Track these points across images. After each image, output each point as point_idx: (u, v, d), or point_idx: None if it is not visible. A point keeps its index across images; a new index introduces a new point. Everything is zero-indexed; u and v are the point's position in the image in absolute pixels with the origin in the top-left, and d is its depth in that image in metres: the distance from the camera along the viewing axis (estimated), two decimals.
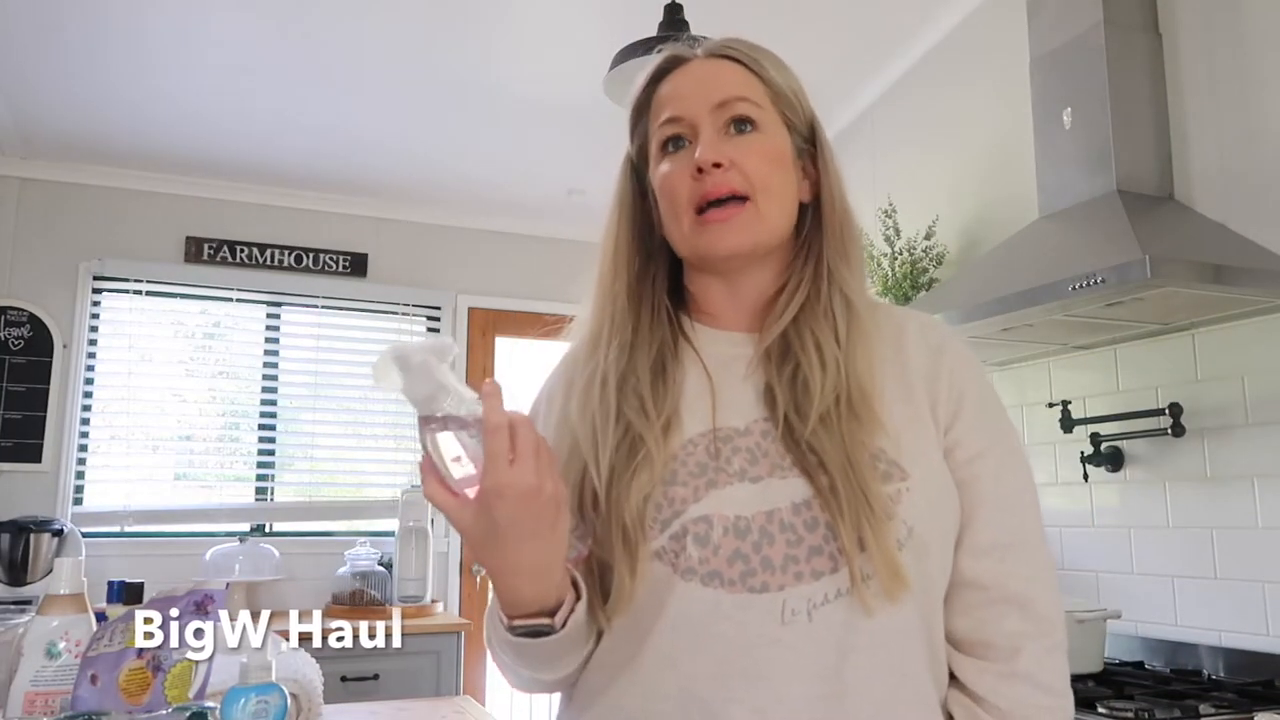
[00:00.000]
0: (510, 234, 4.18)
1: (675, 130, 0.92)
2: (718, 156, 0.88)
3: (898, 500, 0.82)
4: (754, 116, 0.91)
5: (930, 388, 0.89)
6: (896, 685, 0.81)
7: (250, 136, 3.44)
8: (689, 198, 0.90)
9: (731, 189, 0.89)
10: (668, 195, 0.92)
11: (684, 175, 0.90)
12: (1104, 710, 1.81)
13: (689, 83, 0.93)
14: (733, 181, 0.89)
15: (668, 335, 0.94)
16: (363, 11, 2.79)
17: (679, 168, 0.91)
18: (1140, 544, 2.35)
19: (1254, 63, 2.17)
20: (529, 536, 0.75)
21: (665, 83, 0.95)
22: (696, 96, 0.91)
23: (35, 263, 3.52)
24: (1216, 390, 2.19)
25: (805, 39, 2.92)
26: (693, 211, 0.90)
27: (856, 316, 0.91)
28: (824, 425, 0.83)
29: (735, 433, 0.87)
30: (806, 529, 0.81)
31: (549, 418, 0.96)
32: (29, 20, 2.73)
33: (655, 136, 0.94)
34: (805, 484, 0.83)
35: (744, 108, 0.91)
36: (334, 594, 3.51)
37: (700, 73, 0.94)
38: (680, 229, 0.92)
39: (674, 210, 0.91)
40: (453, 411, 0.74)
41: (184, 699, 1.15)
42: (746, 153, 0.90)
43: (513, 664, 0.85)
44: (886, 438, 0.84)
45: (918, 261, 2.89)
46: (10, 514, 3.23)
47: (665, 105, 0.93)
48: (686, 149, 0.91)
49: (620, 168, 1.00)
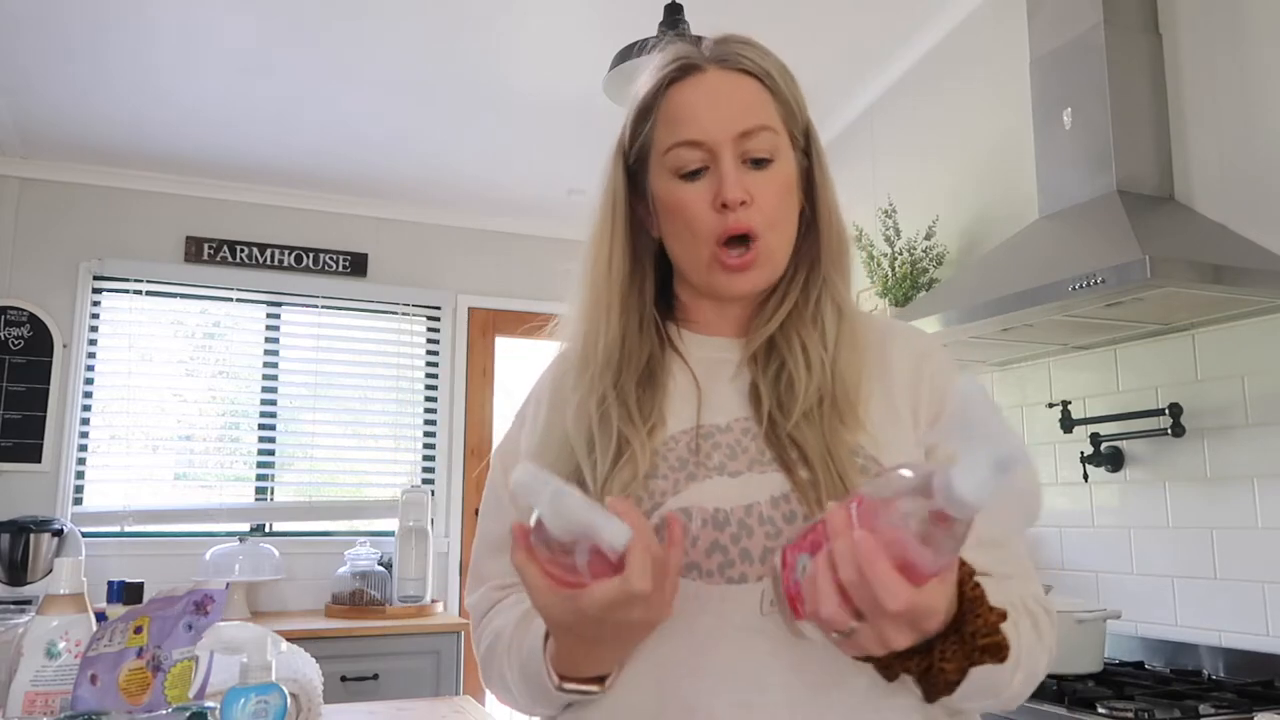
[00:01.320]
0: (510, 234, 4.18)
1: (699, 156, 0.90)
2: (745, 195, 0.88)
3: None
4: (771, 150, 0.91)
5: (912, 391, 0.91)
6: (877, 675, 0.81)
7: (250, 136, 3.44)
8: (712, 231, 0.90)
9: (750, 227, 0.89)
10: (685, 222, 0.91)
11: (704, 205, 0.90)
12: (1104, 710, 1.81)
13: (707, 101, 0.91)
14: (753, 220, 0.89)
15: (655, 343, 0.95)
16: (362, 12, 2.79)
17: (698, 197, 0.90)
18: (1140, 544, 2.35)
19: (1254, 63, 2.17)
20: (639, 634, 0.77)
21: (678, 91, 0.92)
22: (718, 121, 0.89)
23: (35, 263, 3.52)
24: (1216, 390, 2.19)
25: (806, 39, 2.92)
26: (714, 244, 0.90)
27: (846, 322, 0.93)
28: (806, 421, 0.85)
29: (716, 429, 0.89)
30: (785, 521, 0.83)
31: (537, 419, 0.98)
32: (30, 21, 2.74)
33: (669, 154, 0.92)
34: (784, 478, 0.84)
35: (765, 140, 0.90)
36: (334, 594, 3.51)
37: (718, 90, 0.91)
38: (697, 258, 0.92)
39: (693, 238, 0.91)
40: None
41: (184, 699, 1.15)
42: (765, 188, 0.90)
43: (529, 705, 0.87)
44: (866, 435, 0.86)
45: (918, 261, 2.89)
46: (10, 514, 3.23)
47: (682, 122, 0.91)
48: (706, 177, 0.90)
49: (610, 163, 0.98)
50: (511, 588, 0.96)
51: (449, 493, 3.94)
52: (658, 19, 2.39)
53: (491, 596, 0.97)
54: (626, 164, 0.97)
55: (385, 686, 3.16)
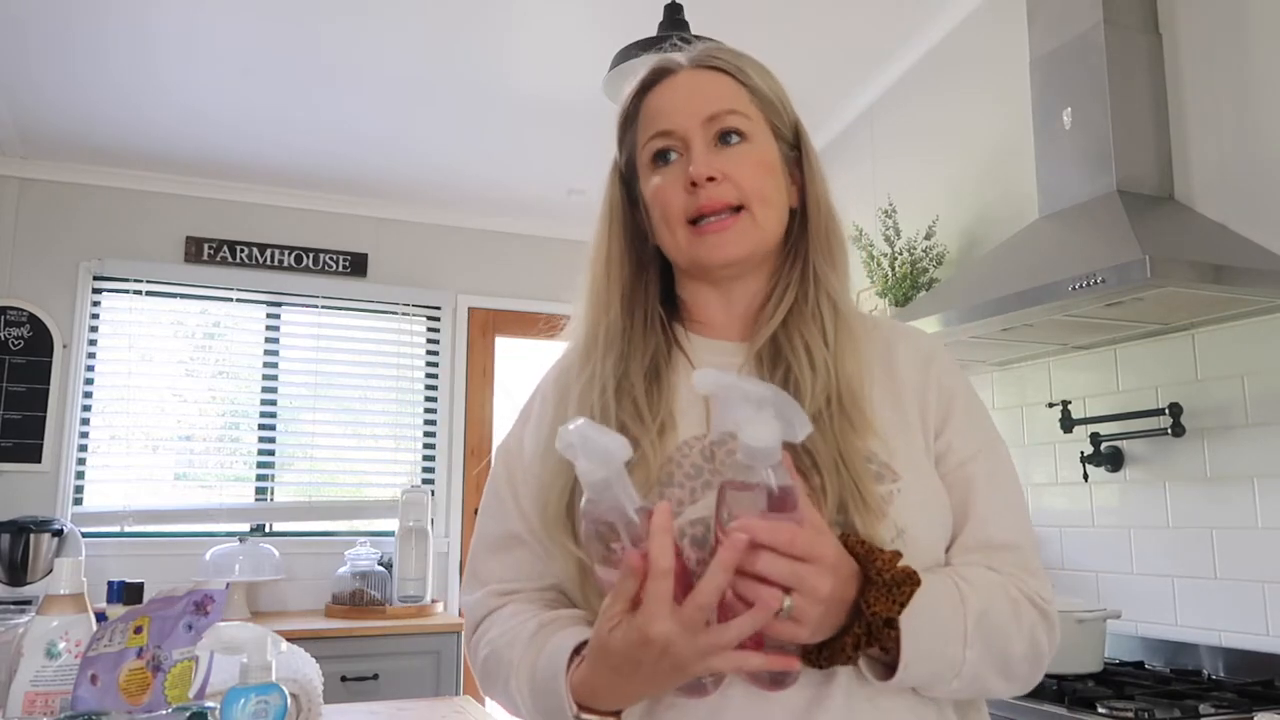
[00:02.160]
0: (510, 234, 4.18)
1: (665, 144, 0.93)
2: (711, 170, 0.90)
3: (889, 501, 0.83)
4: (743, 128, 0.92)
5: (920, 396, 0.92)
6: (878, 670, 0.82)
7: (250, 136, 3.44)
8: (682, 210, 0.91)
9: (725, 202, 0.90)
10: (660, 207, 0.93)
11: (676, 188, 0.92)
12: (1104, 710, 1.81)
13: (677, 95, 0.94)
14: (726, 195, 0.90)
15: (661, 342, 0.95)
16: (363, 12, 2.79)
17: (671, 180, 0.92)
18: (1140, 544, 2.35)
19: (1254, 63, 2.17)
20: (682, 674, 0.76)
21: (653, 94, 0.96)
22: (686, 110, 0.92)
23: (35, 263, 3.52)
24: (1216, 390, 2.19)
25: (806, 39, 2.92)
26: (685, 223, 0.91)
27: (843, 319, 0.93)
28: (816, 426, 0.84)
29: (729, 436, 0.88)
30: None
31: (542, 418, 0.97)
32: (30, 21, 2.74)
33: (645, 149, 0.95)
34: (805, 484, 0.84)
35: (733, 120, 0.92)
36: (334, 594, 3.51)
37: (688, 85, 0.94)
38: (675, 240, 0.93)
39: (667, 222, 0.93)
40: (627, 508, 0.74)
41: (184, 699, 1.15)
42: (739, 164, 0.91)
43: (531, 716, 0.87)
44: (877, 439, 0.86)
45: (918, 261, 2.89)
46: (10, 514, 3.23)
47: (654, 118, 0.94)
48: (678, 162, 0.92)
49: (608, 177, 1.01)
50: (510, 595, 0.95)
51: (449, 493, 3.94)
52: (658, 19, 2.39)
53: (488, 604, 0.96)
54: (621, 176, 1.00)
55: (385, 686, 3.16)
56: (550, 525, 0.89)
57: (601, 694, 0.79)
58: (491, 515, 1.00)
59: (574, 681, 0.80)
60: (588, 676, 0.79)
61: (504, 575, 0.96)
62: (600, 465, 0.72)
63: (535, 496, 0.93)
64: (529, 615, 0.90)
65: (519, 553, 0.96)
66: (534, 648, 0.86)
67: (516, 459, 0.99)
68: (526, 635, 0.88)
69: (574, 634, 0.84)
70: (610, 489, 0.73)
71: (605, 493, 0.73)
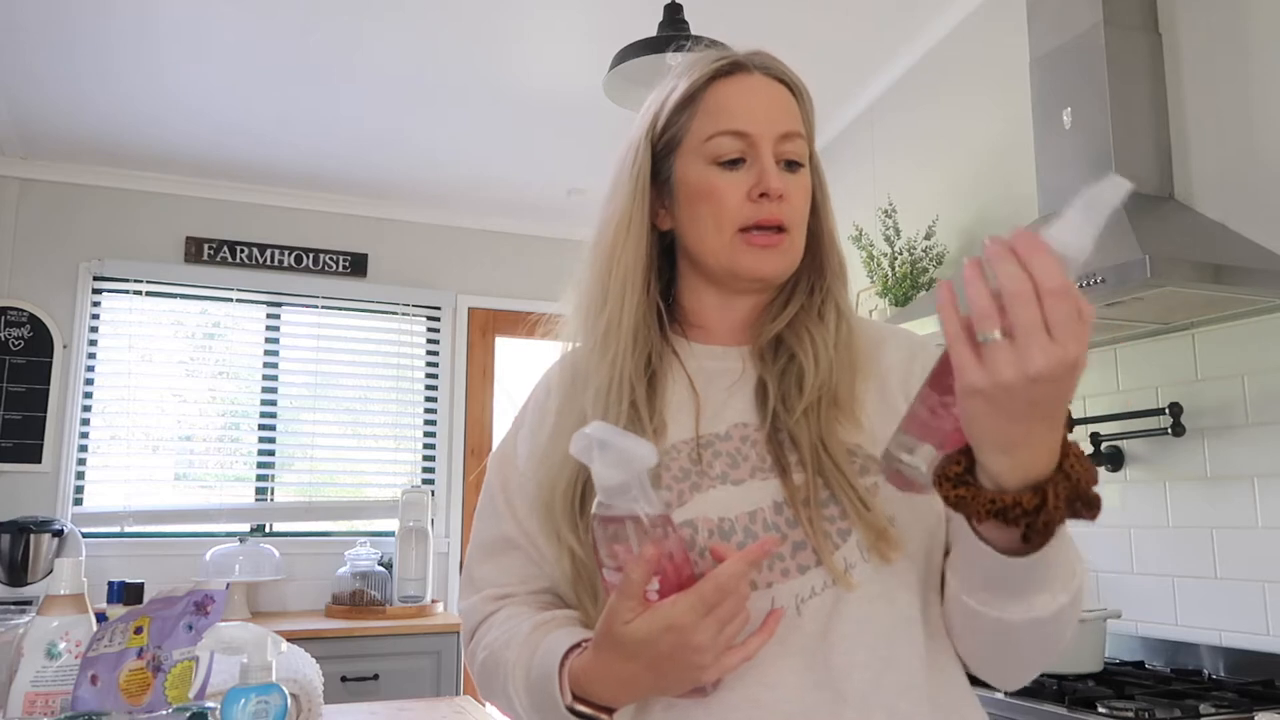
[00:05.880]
0: (510, 234, 4.18)
1: (739, 146, 0.92)
2: (783, 189, 0.91)
3: (874, 493, 0.85)
4: (802, 156, 0.95)
5: (904, 387, 0.93)
6: (883, 669, 0.82)
7: (250, 136, 3.44)
8: (740, 216, 0.91)
9: (781, 221, 0.92)
10: (714, 206, 0.92)
11: (739, 192, 0.91)
12: (1104, 710, 1.81)
13: (755, 100, 0.94)
14: (783, 214, 0.92)
15: (657, 343, 0.95)
16: (363, 12, 2.79)
17: (734, 185, 0.92)
18: (1140, 544, 2.35)
19: (1254, 63, 2.17)
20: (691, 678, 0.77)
21: (725, 86, 0.94)
22: (765, 119, 0.92)
23: (35, 263, 3.52)
24: (1216, 390, 2.19)
25: (806, 39, 2.92)
26: (736, 229, 0.92)
27: (846, 324, 0.95)
28: (805, 417, 0.87)
29: (716, 438, 0.90)
30: (789, 526, 0.84)
31: (543, 423, 0.97)
32: (31, 21, 2.74)
33: (711, 141, 0.93)
34: (782, 483, 0.86)
35: (800, 146, 0.94)
36: (334, 594, 3.51)
37: (766, 93, 0.94)
38: (720, 242, 0.92)
39: (717, 221, 0.92)
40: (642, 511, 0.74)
41: (184, 699, 1.15)
42: (795, 189, 0.93)
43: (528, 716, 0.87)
44: (863, 434, 0.88)
45: (918, 261, 2.89)
46: (10, 514, 3.23)
47: (730, 114, 0.93)
48: (743, 169, 0.92)
49: (635, 149, 0.97)
50: (505, 599, 0.96)
51: (449, 493, 3.94)
52: (658, 19, 2.39)
53: (484, 609, 0.96)
54: (654, 147, 0.97)
55: (385, 686, 3.16)
56: (552, 517, 0.90)
57: (600, 685, 0.79)
58: (485, 520, 1.00)
59: (573, 669, 0.81)
60: (589, 665, 0.79)
61: (498, 579, 0.97)
62: (620, 469, 0.73)
63: (534, 491, 0.93)
64: (524, 617, 0.91)
65: (513, 557, 0.96)
66: (529, 646, 0.86)
67: (510, 464, 0.99)
68: (522, 635, 0.88)
69: (570, 634, 0.84)
70: (628, 493, 0.73)
71: (620, 496, 0.73)
